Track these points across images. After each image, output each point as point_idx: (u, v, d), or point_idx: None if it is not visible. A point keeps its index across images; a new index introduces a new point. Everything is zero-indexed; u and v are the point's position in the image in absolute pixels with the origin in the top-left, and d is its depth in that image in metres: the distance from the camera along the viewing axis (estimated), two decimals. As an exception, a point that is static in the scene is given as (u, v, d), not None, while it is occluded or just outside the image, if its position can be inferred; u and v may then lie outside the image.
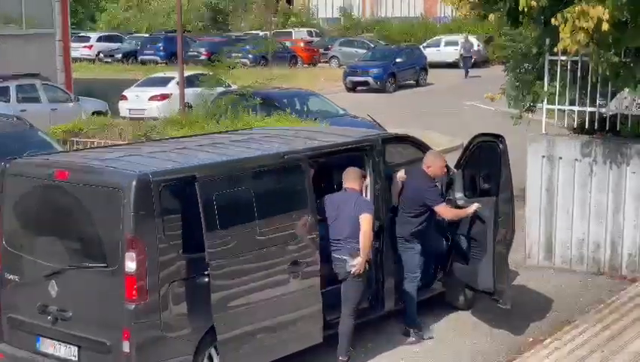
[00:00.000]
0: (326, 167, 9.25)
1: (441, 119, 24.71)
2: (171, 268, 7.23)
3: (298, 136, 9.60)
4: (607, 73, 10.74)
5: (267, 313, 7.83)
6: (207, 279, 7.32)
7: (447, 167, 9.49)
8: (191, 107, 20.94)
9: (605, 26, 9.67)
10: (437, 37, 46.81)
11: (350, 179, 8.56)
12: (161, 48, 44.15)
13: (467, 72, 39.17)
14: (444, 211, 9.07)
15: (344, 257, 8.26)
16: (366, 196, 8.97)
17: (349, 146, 9.12)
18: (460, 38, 43.20)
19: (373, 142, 9.15)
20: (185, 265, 7.31)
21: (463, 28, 47.90)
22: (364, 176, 8.76)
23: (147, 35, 49.24)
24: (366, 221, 8.26)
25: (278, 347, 7.98)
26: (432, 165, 9.04)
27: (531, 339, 8.95)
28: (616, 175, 11.16)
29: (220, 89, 21.30)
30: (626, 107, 11.63)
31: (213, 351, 7.57)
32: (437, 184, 9.25)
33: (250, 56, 38.31)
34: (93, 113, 21.58)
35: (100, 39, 48.32)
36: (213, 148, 8.56)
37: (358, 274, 8.23)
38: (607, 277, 11.13)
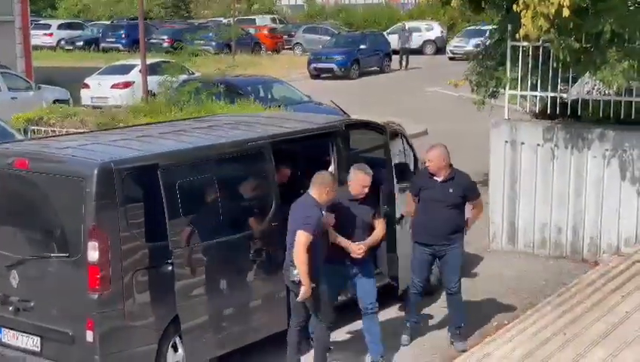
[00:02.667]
0: (290, 154, 9.22)
1: (404, 105, 24.78)
2: (134, 256, 7.17)
3: (261, 122, 9.56)
4: (568, 59, 10.82)
5: (232, 300, 7.81)
6: (170, 267, 7.28)
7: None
8: (154, 95, 20.78)
9: (566, 12, 9.75)
10: (400, 23, 46.88)
11: (313, 184, 7.60)
12: (123, 36, 43.77)
13: (405, 64, 37.40)
14: None
15: (289, 267, 7.52)
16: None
17: (313, 132, 9.11)
18: (423, 24, 43.23)
19: (338, 128, 9.14)
20: (148, 253, 7.26)
21: (426, 14, 48.12)
22: (330, 186, 7.60)
23: (109, 23, 48.74)
24: (298, 239, 7.29)
25: (243, 334, 7.96)
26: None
27: (495, 323, 9.02)
28: (578, 159, 11.27)
29: (183, 76, 21.17)
30: (587, 92, 11.73)
31: (177, 339, 7.53)
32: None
33: (213, 43, 38.09)
34: (54, 101, 21.33)
35: (60, 27, 47.73)
36: (176, 136, 8.50)
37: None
38: (569, 261, 11.25)
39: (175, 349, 7.56)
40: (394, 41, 40.24)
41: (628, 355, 6.49)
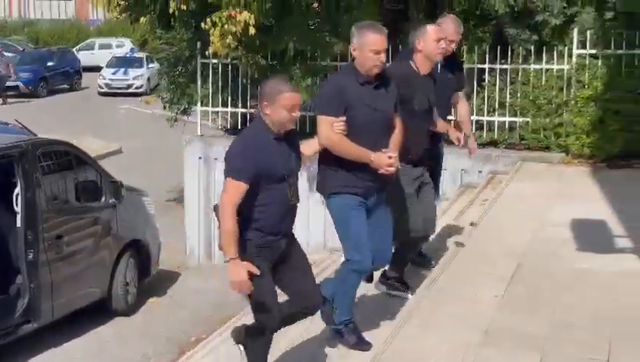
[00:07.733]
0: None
1: (96, 123, 24.20)
2: None
3: (-62, 144, 8.85)
4: (257, 75, 11.21)
5: None
6: None
7: None
8: None
9: (252, 30, 10.10)
10: (90, 39, 45.86)
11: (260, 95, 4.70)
12: None
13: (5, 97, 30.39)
14: None
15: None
16: (16, 205, 8.46)
17: (-4, 153, 8.57)
18: (114, 40, 42.55)
19: (24, 149, 8.68)
20: None
21: (117, 30, 47.46)
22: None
23: None
24: (222, 191, 4.60)
25: None
26: None
27: (194, 338, 9.03)
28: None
29: None
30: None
31: None
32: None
33: None
34: None
35: None
36: None
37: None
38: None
39: None
40: (84, 57, 39.28)
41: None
